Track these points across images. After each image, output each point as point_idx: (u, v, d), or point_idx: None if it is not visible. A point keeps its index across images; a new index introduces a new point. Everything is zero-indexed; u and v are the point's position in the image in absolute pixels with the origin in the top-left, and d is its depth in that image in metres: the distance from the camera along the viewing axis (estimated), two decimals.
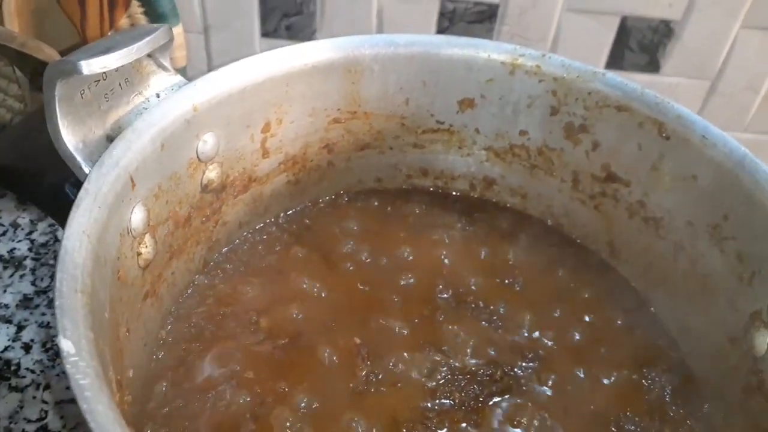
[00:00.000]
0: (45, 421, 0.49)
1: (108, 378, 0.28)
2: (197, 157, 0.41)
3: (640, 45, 0.64)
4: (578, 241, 0.50)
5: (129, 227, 0.35)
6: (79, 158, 0.34)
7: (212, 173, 0.43)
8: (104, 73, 0.36)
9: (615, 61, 0.65)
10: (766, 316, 0.36)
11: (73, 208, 0.31)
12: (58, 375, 0.52)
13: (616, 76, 0.44)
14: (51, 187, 0.38)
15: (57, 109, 0.33)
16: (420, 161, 0.53)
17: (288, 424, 0.38)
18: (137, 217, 0.36)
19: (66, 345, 0.25)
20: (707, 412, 0.40)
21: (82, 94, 0.35)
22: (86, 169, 0.34)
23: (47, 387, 0.52)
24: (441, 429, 0.38)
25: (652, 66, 0.65)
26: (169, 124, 0.38)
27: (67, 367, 0.25)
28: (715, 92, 0.67)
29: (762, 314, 0.37)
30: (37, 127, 0.36)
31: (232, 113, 0.42)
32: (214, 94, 0.40)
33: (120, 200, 0.34)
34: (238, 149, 0.44)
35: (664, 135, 0.42)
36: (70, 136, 0.34)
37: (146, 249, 0.37)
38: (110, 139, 0.36)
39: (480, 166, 0.52)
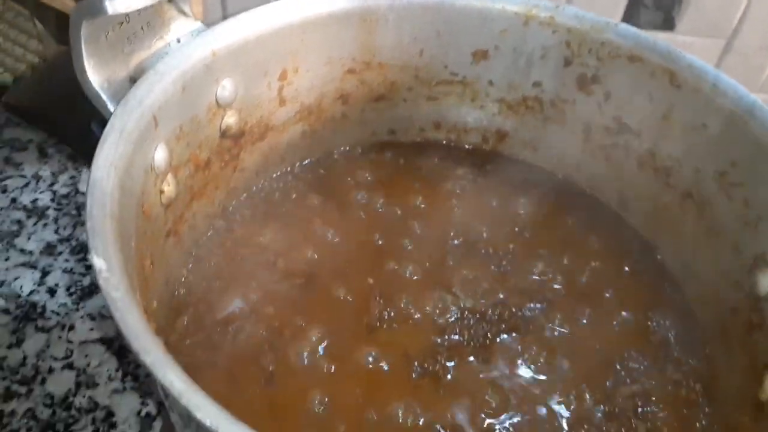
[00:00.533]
0: (71, 359, 0.52)
1: (137, 299, 0.30)
2: (216, 102, 0.42)
3: (655, 2, 0.64)
4: (588, 192, 0.51)
5: (152, 165, 0.37)
6: (104, 97, 0.35)
7: (231, 119, 0.44)
8: (127, 16, 0.37)
9: (630, 19, 0.65)
10: None
11: (100, 143, 0.33)
12: (82, 317, 0.55)
13: (629, 27, 0.45)
14: (77, 126, 0.39)
15: (83, 49, 0.34)
16: (433, 114, 0.54)
17: (305, 355, 0.40)
18: (160, 155, 0.37)
19: (99, 262, 0.27)
20: (709, 352, 0.41)
21: (106, 36, 0.36)
22: (111, 108, 0.35)
23: (72, 328, 0.54)
24: (450, 362, 0.40)
25: (667, 24, 0.65)
26: (190, 68, 0.39)
27: (100, 282, 0.27)
28: (730, 51, 0.67)
29: (766, 255, 0.38)
30: (63, 71, 0.37)
31: (249, 60, 0.43)
32: (232, 40, 0.41)
33: (143, 138, 0.35)
34: (256, 96, 0.45)
35: (675, 84, 0.43)
36: (96, 76, 0.35)
37: (168, 187, 0.39)
38: (133, 80, 0.37)
39: (493, 119, 0.53)
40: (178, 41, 0.41)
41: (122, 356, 0.53)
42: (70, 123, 0.38)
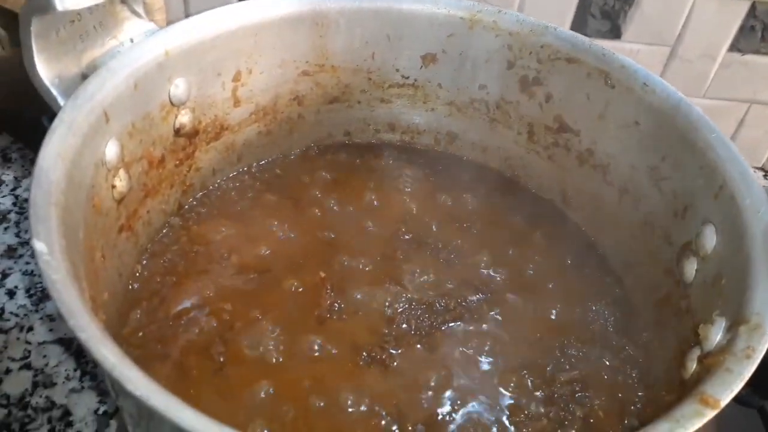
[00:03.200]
0: (28, 359, 0.52)
1: (80, 285, 0.30)
2: (170, 100, 0.43)
3: (601, 12, 0.66)
4: (533, 190, 0.53)
5: (103, 159, 0.37)
6: (54, 92, 0.36)
7: (184, 117, 0.45)
8: (79, 14, 0.37)
9: (578, 27, 0.67)
10: (694, 245, 0.39)
11: (48, 134, 0.33)
12: (41, 318, 0.55)
13: (566, 30, 0.47)
14: (29, 121, 0.40)
15: (33, 45, 0.35)
16: (387, 116, 0.55)
17: (256, 346, 0.40)
18: (111, 150, 0.38)
19: (39, 246, 0.27)
20: (645, 339, 0.43)
21: (57, 33, 0.36)
22: (62, 102, 0.36)
23: (30, 329, 0.54)
24: (397, 351, 0.41)
25: (614, 32, 0.68)
26: (142, 66, 0.40)
27: (41, 264, 0.27)
28: (675, 58, 0.70)
29: (692, 244, 0.39)
30: (17, 67, 0.37)
31: (203, 60, 0.44)
32: (185, 40, 0.42)
33: (94, 131, 0.36)
34: (210, 96, 0.46)
35: (609, 84, 0.45)
36: (46, 71, 0.36)
37: (121, 183, 0.39)
38: (85, 77, 0.38)
39: (443, 121, 0.55)
40: (132, 41, 0.41)
41: (81, 356, 0.53)
42: (23, 117, 0.38)
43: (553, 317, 0.44)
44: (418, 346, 0.41)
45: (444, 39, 0.49)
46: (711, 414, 0.26)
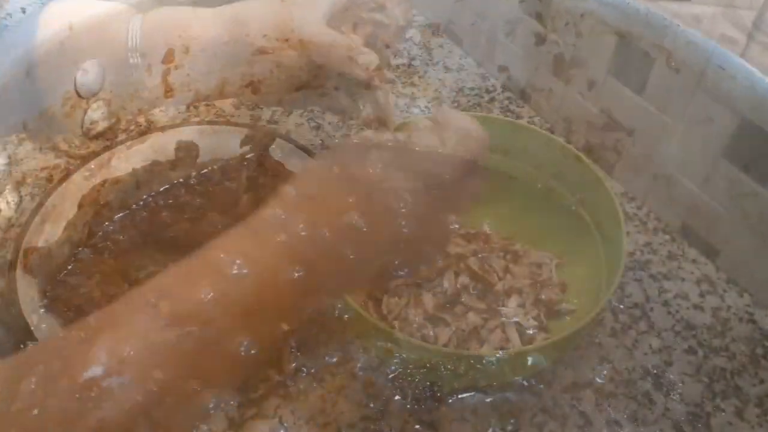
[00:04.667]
0: None
1: None
2: (76, 90, 0.42)
3: None
4: (573, 208, 0.52)
5: None
6: None
7: (96, 113, 0.44)
8: None
9: None
10: None
11: None
12: None
13: None
14: None
15: None
16: (374, 107, 0.54)
17: (197, 427, 0.39)
18: None
19: None
20: None
21: None
22: None
23: None
24: None
25: None
26: (38, 46, 0.39)
27: None
28: (762, 28, 0.69)
29: None
30: None
31: (120, 36, 0.43)
32: (97, 10, 0.41)
33: None
34: (131, 84, 0.45)
35: (672, 66, 0.44)
36: None
37: (7, 206, 0.39)
38: None
39: None
40: (24, 12, 0.41)
41: None
42: None
43: None
44: (417, 426, 0.40)
45: (450, 5, 0.49)
46: None
